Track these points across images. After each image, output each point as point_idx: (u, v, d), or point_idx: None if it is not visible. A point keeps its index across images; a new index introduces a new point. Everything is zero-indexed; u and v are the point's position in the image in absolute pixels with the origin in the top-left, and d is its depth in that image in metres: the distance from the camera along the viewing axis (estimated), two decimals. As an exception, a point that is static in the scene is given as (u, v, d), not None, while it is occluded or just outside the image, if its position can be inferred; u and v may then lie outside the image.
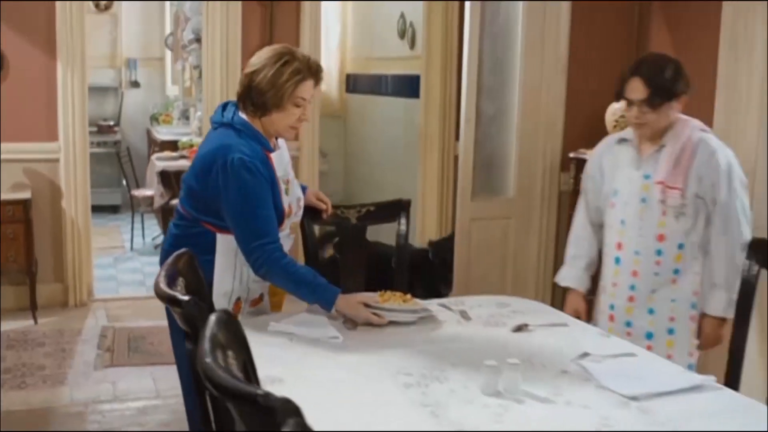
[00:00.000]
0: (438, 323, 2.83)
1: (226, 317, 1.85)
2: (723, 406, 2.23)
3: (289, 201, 2.93)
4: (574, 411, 2.15)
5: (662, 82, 3.01)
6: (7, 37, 5.45)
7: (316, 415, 2.06)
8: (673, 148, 3.08)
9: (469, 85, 4.58)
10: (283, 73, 2.78)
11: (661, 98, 3.00)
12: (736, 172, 3.05)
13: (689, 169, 3.05)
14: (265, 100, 2.80)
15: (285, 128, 2.88)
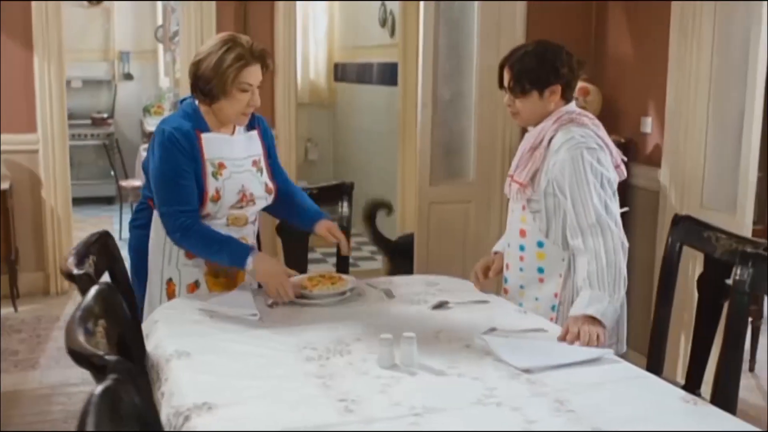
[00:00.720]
0: (360, 301, 2.90)
1: (107, 291, 1.92)
2: (615, 377, 2.26)
3: (218, 186, 2.93)
4: (462, 382, 2.20)
5: (524, 69, 2.84)
6: (-16, 32, 5.53)
7: (209, 382, 2.16)
8: (526, 140, 2.95)
9: (425, 71, 4.62)
10: (225, 59, 2.82)
11: (521, 86, 2.85)
12: (587, 163, 2.75)
13: (534, 164, 2.86)
14: (211, 87, 2.85)
15: (235, 115, 2.92)
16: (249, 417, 1.96)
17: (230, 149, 2.98)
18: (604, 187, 2.77)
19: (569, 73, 2.88)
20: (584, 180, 2.74)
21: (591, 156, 2.76)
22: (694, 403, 2.09)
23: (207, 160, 2.92)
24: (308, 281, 2.91)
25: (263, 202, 3.07)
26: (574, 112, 2.90)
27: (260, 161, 3.05)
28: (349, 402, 2.05)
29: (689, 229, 2.95)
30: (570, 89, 2.91)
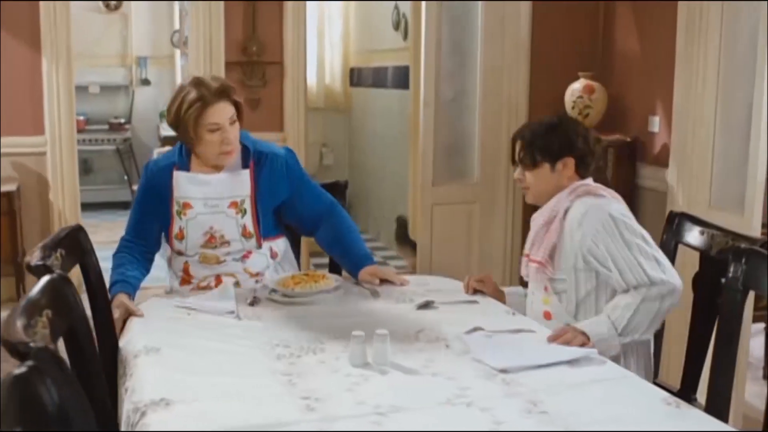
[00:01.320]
0: (344, 301, 2.82)
1: (57, 281, 1.86)
2: (596, 378, 2.16)
3: (181, 225, 2.91)
4: (435, 381, 2.11)
5: (535, 139, 2.69)
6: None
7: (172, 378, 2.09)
8: (539, 215, 2.74)
9: (427, 69, 4.55)
10: (184, 103, 2.81)
11: (532, 157, 2.68)
12: (621, 224, 2.56)
13: (551, 239, 2.65)
14: (182, 135, 2.87)
15: (214, 156, 2.88)
16: (205, 413, 1.89)
17: (202, 190, 2.91)
18: (647, 242, 2.56)
19: (584, 146, 2.70)
20: (622, 243, 2.54)
21: (621, 214, 2.60)
22: (676, 406, 1.98)
23: (174, 198, 2.92)
24: (291, 280, 2.84)
25: (239, 245, 2.95)
26: (590, 185, 2.70)
27: (243, 203, 2.93)
28: (312, 400, 1.97)
29: (685, 226, 2.84)
30: (585, 164, 2.71)
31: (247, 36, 5.95)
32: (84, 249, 2.49)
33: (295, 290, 2.77)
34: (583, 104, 4.49)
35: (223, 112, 2.83)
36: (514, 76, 4.81)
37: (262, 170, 2.95)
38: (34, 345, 1.41)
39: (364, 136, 8.37)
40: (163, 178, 2.92)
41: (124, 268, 2.87)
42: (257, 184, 2.94)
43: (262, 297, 2.80)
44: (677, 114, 4.14)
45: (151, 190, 2.95)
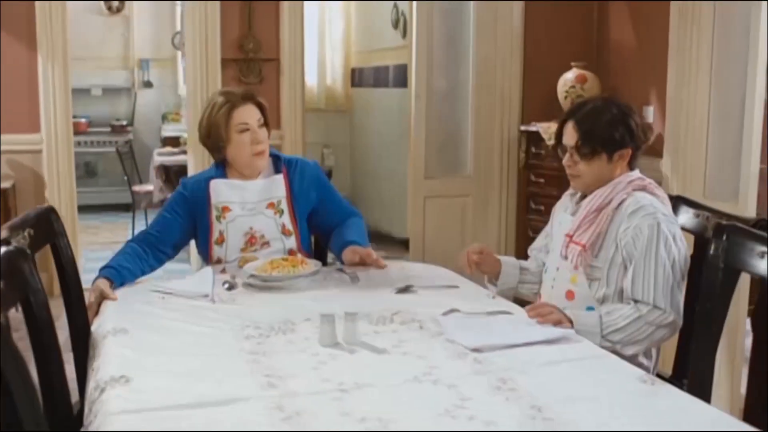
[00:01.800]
0: (322, 286, 2.77)
1: (14, 253, 1.82)
2: (572, 357, 2.11)
3: (221, 228, 2.97)
4: (404, 360, 2.06)
5: (594, 129, 2.55)
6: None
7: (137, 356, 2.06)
8: (592, 199, 2.61)
9: (418, 61, 4.51)
10: (213, 109, 2.98)
11: (591, 147, 2.55)
12: (662, 239, 2.46)
13: (600, 226, 2.55)
14: (213, 138, 2.99)
15: (247, 159, 2.98)
16: (160, 389, 1.85)
17: (240, 194, 3.00)
18: (675, 270, 2.46)
19: (643, 137, 2.61)
20: (653, 255, 2.45)
21: (669, 229, 2.48)
22: (651, 383, 1.93)
23: (213, 204, 2.98)
24: (269, 264, 2.79)
25: (280, 244, 2.99)
26: (645, 180, 2.63)
27: (280, 204, 3.01)
28: (275, 378, 1.92)
29: (680, 209, 2.78)
30: (638, 156, 2.64)
31: (243, 33, 5.93)
32: (54, 230, 2.46)
33: (272, 275, 2.73)
34: (575, 94, 4.43)
35: (251, 113, 2.98)
36: (508, 68, 4.76)
37: (295, 176, 3.06)
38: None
39: (365, 137, 8.33)
40: (200, 190, 3.01)
41: (123, 256, 2.86)
42: (291, 188, 3.03)
43: (239, 282, 2.76)
44: (671, 104, 4.09)
45: (185, 198, 3.02)
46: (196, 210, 3.01)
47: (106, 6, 9.43)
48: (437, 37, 4.62)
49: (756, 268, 2.11)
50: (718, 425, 1.71)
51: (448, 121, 4.76)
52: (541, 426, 1.68)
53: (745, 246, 2.16)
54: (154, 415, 1.72)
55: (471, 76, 4.70)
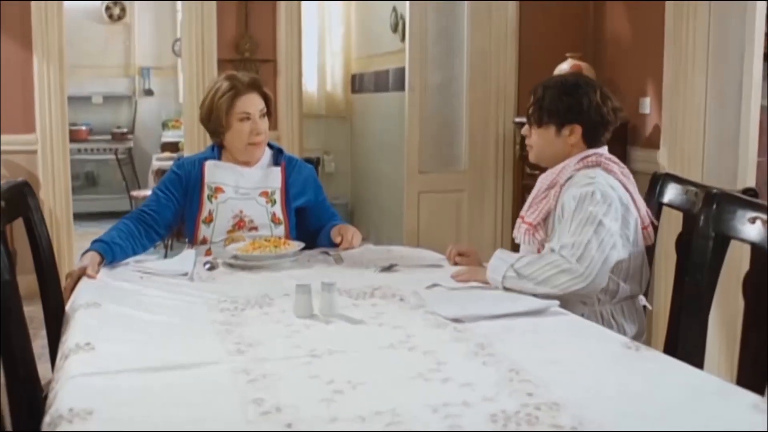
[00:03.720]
0: (305, 266, 2.71)
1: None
2: (554, 327, 2.03)
3: (211, 208, 2.93)
4: (381, 330, 2.00)
5: (546, 99, 2.54)
6: (-18, 32, 5.51)
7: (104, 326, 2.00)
8: (542, 179, 2.58)
9: (412, 54, 4.46)
10: (218, 91, 2.94)
11: (539, 116, 2.55)
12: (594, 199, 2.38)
13: (548, 203, 2.51)
14: (214, 124, 2.97)
15: (242, 147, 2.95)
16: (124, 355, 1.79)
17: (235, 177, 2.97)
18: (598, 232, 2.34)
19: (596, 116, 2.52)
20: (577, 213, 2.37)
21: (603, 198, 2.39)
22: (635, 349, 1.85)
23: (206, 183, 2.96)
24: (251, 245, 2.73)
25: (268, 231, 2.94)
26: (603, 155, 2.54)
27: (273, 194, 2.98)
28: (244, 345, 1.85)
29: (668, 187, 2.70)
30: (594, 135, 2.54)
31: (239, 33, 5.89)
32: (28, 205, 2.40)
33: (254, 254, 2.67)
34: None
35: (254, 102, 2.95)
36: (502, 60, 4.70)
37: (292, 172, 3.04)
38: None
39: (366, 143, 8.27)
40: (194, 170, 2.98)
41: (116, 232, 2.80)
42: (287, 182, 3.01)
43: (220, 262, 2.70)
44: (667, 95, 4.03)
45: (180, 177, 2.98)
46: (188, 188, 2.97)
47: (107, 14, 9.41)
48: (432, 31, 4.57)
49: (746, 234, 2.04)
50: (707, 386, 1.63)
51: (442, 115, 4.69)
52: (518, 387, 1.60)
53: (735, 213, 2.08)
54: (114, 377, 1.66)
55: (465, 69, 4.64)
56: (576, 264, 2.31)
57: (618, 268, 2.44)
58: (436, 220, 4.66)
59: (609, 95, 2.57)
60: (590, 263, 2.32)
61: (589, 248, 2.33)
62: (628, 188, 2.52)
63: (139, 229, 2.86)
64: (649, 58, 4.22)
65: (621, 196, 2.46)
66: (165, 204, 2.96)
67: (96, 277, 2.53)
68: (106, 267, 2.67)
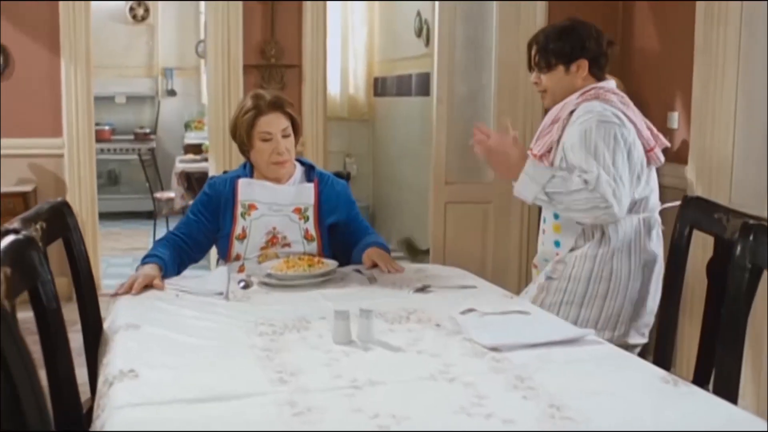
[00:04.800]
0: (338, 285, 2.73)
1: (22, 242, 1.79)
2: (591, 356, 2.04)
3: (245, 225, 2.96)
4: (420, 358, 2.01)
5: (549, 43, 2.82)
6: (12, 35, 5.55)
7: (147, 351, 2.02)
8: (549, 114, 2.87)
9: (440, 65, 4.47)
10: (241, 111, 3.01)
11: (547, 60, 2.82)
12: (599, 137, 2.63)
13: (552, 136, 2.79)
14: (239, 141, 3.03)
15: (266, 165, 2.99)
16: (168, 383, 1.81)
17: (268, 194, 3.00)
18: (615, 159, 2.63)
19: (596, 48, 2.81)
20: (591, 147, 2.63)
21: (605, 129, 2.65)
22: (673, 384, 1.86)
23: (239, 201, 2.98)
24: (285, 263, 2.75)
25: (301, 247, 2.97)
26: (602, 88, 2.78)
27: (306, 210, 3.01)
28: (287, 374, 1.87)
29: (700, 210, 2.70)
30: (598, 65, 2.83)
31: (265, 38, 5.92)
32: (67, 225, 2.43)
33: (288, 273, 2.69)
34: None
35: (276, 122, 2.96)
36: (530, 72, 4.70)
37: (324, 188, 3.06)
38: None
39: (387, 146, 8.29)
40: (226, 189, 3.01)
41: (162, 248, 2.89)
42: (320, 198, 3.03)
43: (255, 281, 2.72)
44: (696, 110, 4.01)
45: (211, 198, 3.03)
46: (219, 207, 3.00)
47: (131, 14, 9.48)
48: (459, 41, 4.58)
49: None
50: (746, 426, 1.64)
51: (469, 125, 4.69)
52: (560, 425, 1.62)
53: (773, 245, 2.09)
54: (161, 409, 1.68)
55: (493, 79, 4.65)
56: (613, 201, 2.60)
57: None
58: (463, 230, 4.67)
59: (601, 31, 2.88)
60: (623, 200, 2.63)
61: (622, 181, 2.62)
62: (627, 114, 2.74)
63: (173, 255, 2.89)
64: (677, 73, 4.21)
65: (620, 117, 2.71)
66: (196, 227, 3.01)
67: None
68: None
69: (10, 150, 5.59)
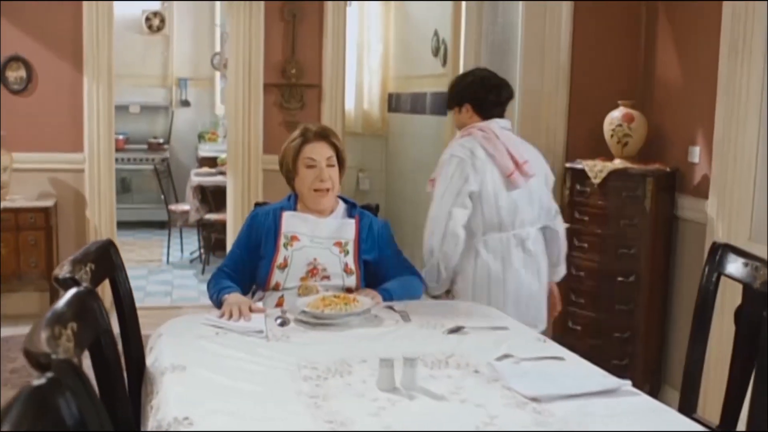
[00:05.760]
0: (373, 324, 2.77)
1: (84, 294, 1.84)
2: (630, 410, 2.10)
3: (286, 255, 3.03)
4: (463, 408, 2.06)
5: (449, 90, 3.55)
6: (36, 50, 5.61)
7: (197, 397, 2.07)
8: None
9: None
10: (289, 139, 3.16)
11: (448, 104, 3.55)
12: (442, 167, 3.34)
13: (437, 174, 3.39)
14: (285, 169, 3.16)
15: (309, 193, 3.10)
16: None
17: (311, 227, 3.09)
18: (449, 188, 3.28)
19: (480, 94, 3.40)
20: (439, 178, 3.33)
21: (448, 165, 3.31)
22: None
23: (282, 233, 3.07)
24: (321, 301, 2.80)
25: (340, 280, 3.04)
26: (476, 126, 3.37)
27: (347, 245, 3.09)
28: (337, 423, 1.92)
29: (728, 258, 2.75)
30: (483, 108, 3.41)
31: (286, 57, 5.98)
32: (114, 264, 2.49)
33: (324, 312, 2.74)
34: (622, 133, 4.42)
35: (320, 150, 3.10)
36: (553, 102, 4.76)
37: (365, 226, 3.17)
38: (55, 357, 1.38)
39: (400, 162, 8.35)
40: (268, 219, 3.11)
41: (225, 281, 3.02)
42: (360, 235, 3.12)
43: (291, 318, 2.77)
44: (718, 144, 4.06)
45: (255, 230, 3.12)
46: (261, 238, 3.09)
47: (146, 25, 9.54)
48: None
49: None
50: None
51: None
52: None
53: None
54: (221, 461, 1.73)
55: (516, 109, 4.70)
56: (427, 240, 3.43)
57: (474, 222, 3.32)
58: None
59: (488, 79, 3.45)
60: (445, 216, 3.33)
61: (440, 210, 3.35)
62: (484, 146, 3.29)
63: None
64: (699, 107, 4.26)
65: (473, 151, 3.28)
66: (241, 261, 3.12)
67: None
68: (179, 319, 2.77)
69: (32, 164, 5.66)
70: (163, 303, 6.47)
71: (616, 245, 4.42)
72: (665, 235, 4.44)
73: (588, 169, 4.43)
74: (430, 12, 7.34)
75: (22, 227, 5.50)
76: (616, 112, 4.47)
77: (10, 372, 4.76)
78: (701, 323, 2.78)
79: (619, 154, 4.49)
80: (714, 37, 4.09)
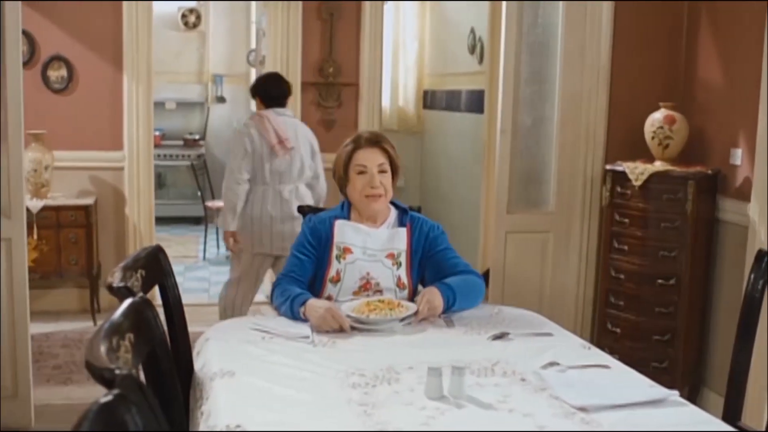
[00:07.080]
0: (418, 329, 2.79)
1: (139, 304, 1.87)
2: (678, 421, 2.10)
3: (339, 268, 3.02)
4: (511, 417, 2.07)
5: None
6: (77, 50, 5.68)
7: (248, 404, 2.10)
8: None
9: (505, 95, 4.52)
10: (342, 146, 3.14)
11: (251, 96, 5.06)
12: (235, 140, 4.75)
13: None
14: (337, 176, 3.14)
15: (360, 199, 3.07)
16: (279, 443, 1.88)
17: (363, 238, 3.06)
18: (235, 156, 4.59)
19: (264, 89, 4.74)
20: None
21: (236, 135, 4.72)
22: (764, 455, 1.91)
23: (335, 243, 3.05)
24: (366, 306, 2.82)
25: (393, 295, 3.01)
26: (258, 112, 4.70)
27: (399, 256, 3.06)
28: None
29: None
30: (267, 100, 4.73)
31: (323, 57, 6.01)
32: (163, 270, 2.52)
33: (370, 317, 2.76)
34: (663, 135, 4.39)
35: (372, 157, 3.06)
36: (593, 104, 4.74)
37: (416, 230, 3.12)
38: (119, 372, 1.41)
39: (436, 160, 8.35)
40: (324, 228, 3.08)
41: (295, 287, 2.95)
42: (412, 243, 3.09)
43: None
44: (760, 147, 4.02)
45: (310, 237, 3.08)
46: (321, 244, 3.07)
47: (182, 21, 9.61)
48: (524, 71, 4.63)
49: None
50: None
51: (531, 155, 4.76)
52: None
53: None
54: (275, 470, 1.76)
55: (556, 111, 4.69)
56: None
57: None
58: (522, 259, 4.73)
59: (273, 78, 4.90)
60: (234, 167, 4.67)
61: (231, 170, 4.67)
62: (256, 124, 4.60)
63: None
64: (742, 109, 4.22)
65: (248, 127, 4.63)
66: (306, 263, 3.05)
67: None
68: (227, 323, 2.80)
69: (72, 163, 5.74)
70: (201, 300, 6.53)
71: (657, 248, 4.40)
72: (706, 238, 4.41)
73: (629, 171, 4.41)
74: (467, 10, 7.34)
75: (62, 225, 5.57)
76: (657, 114, 4.45)
77: (53, 368, 4.83)
78: (746, 330, 2.77)
79: (659, 156, 4.46)
80: (757, 37, 4.05)
